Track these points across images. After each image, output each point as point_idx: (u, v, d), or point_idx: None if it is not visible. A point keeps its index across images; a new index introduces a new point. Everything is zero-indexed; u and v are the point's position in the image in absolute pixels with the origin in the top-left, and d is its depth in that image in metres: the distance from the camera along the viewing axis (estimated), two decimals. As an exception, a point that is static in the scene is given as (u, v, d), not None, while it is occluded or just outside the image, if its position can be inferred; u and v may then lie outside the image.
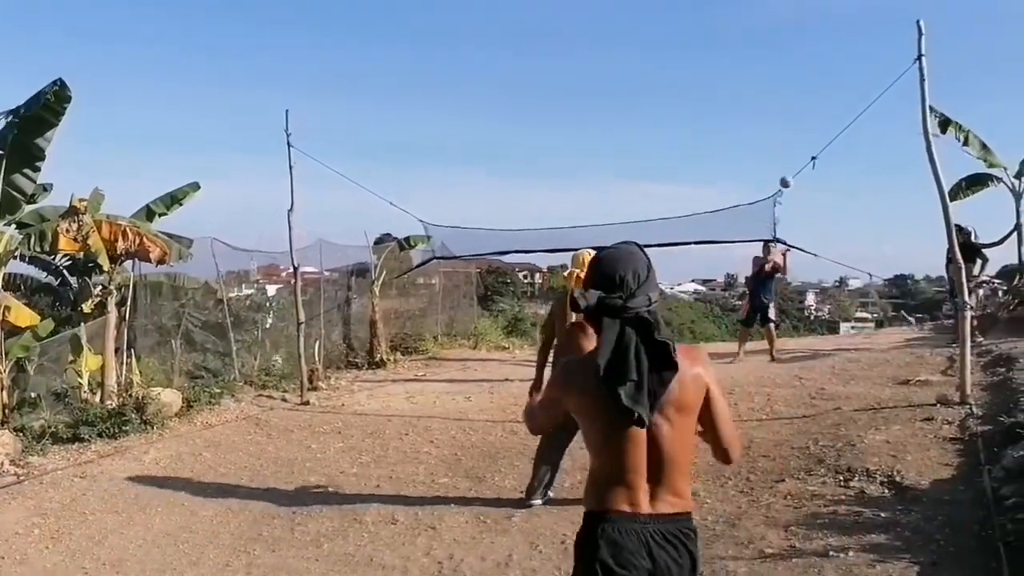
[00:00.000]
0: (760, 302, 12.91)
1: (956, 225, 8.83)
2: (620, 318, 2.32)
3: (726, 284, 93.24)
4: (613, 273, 2.38)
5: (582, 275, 6.00)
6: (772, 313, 12.97)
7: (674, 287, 74.50)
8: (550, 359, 6.46)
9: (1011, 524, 4.70)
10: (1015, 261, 15.56)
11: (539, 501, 6.25)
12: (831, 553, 4.66)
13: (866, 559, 4.55)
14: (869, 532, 4.96)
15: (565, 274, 6.32)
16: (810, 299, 77.50)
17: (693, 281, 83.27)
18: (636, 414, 2.26)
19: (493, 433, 8.78)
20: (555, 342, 6.40)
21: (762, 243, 12.50)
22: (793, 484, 6.11)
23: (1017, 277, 14.97)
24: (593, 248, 6.41)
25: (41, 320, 10.41)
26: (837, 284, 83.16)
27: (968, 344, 8.35)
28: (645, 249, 2.50)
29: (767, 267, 12.86)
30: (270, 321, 15.20)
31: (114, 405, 9.50)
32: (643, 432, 2.32)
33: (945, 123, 15.12)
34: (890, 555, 4.59)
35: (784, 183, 11.05)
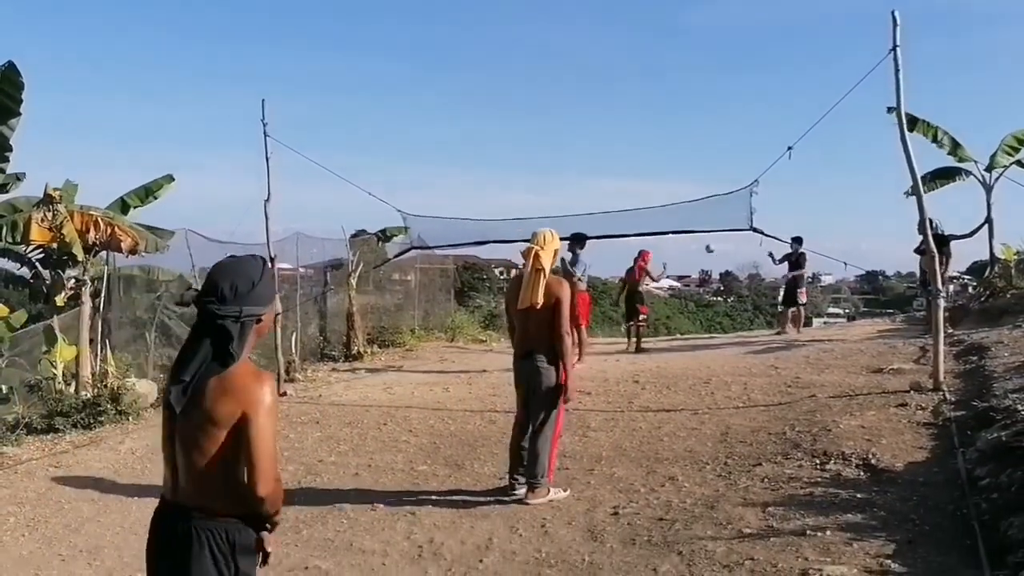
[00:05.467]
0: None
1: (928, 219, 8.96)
2: (203, 322, 2.48)
3: (700, 280, 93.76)
4: (214, 280, 2.50)
5: (540, 252, 5.99)
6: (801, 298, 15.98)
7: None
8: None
9: (986, 504, 4.80)
10: (986, 256, 15.82)
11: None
12: (808, 532, 4.71)
13: (843, 537, 4.61)
14: (846, 512, 5.03)
15: (523, 250, 6.17)
16: (783, 295, 77.97)
17: (668, 277, 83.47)
18: (174, 409, 2.46)
19: (472, 422, 8.78)
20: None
21: (791, 241, 15.14)
22: (770, 468, 6.17)
23: (988, 270, 15.21)
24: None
25: (12, 312, 10.29)
26: (810, 280, 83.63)
27: (941, 332, 8.46)
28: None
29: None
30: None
31: (89, 396, 9.41)
32: (178, 429, 2.49)
33: (913, 121, 15.34)
34: (866, 533, 4.65)
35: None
